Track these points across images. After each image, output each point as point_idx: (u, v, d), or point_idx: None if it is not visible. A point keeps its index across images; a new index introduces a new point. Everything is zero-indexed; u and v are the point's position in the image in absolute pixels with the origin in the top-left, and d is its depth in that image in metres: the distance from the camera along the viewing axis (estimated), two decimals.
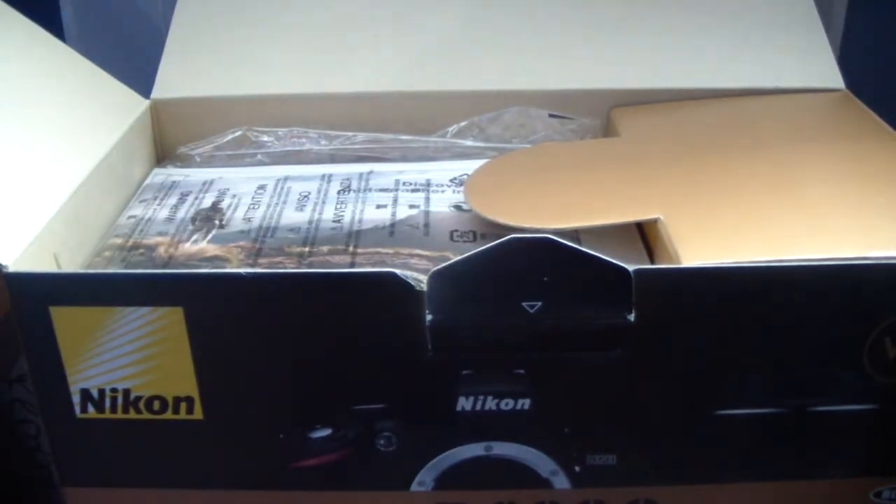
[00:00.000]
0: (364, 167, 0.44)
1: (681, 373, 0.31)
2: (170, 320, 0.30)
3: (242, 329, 0.31)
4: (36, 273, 0.31)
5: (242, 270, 0.30)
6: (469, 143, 0.45)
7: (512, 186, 0.40)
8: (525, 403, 0.32)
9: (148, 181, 0.44)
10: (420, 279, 0.30)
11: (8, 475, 0.40)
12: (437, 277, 0.30)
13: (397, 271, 0.30)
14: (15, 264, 0.31)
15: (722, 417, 0.32)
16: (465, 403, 0.32)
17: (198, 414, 0.32)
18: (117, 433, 0.32)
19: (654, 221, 0.35)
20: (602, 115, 0.46)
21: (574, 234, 0.36)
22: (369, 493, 0.34)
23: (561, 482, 0.33)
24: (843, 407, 0.32)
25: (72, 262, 0.36)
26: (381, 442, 0.32)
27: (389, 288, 0.30)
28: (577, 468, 0.33)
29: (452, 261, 0.30)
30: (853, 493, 0.34)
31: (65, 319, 0.31)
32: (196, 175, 0.44)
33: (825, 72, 0.46)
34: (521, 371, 0.31)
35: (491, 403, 0.32)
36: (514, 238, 0.29)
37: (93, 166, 0.39)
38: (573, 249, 0.29)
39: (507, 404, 0.32)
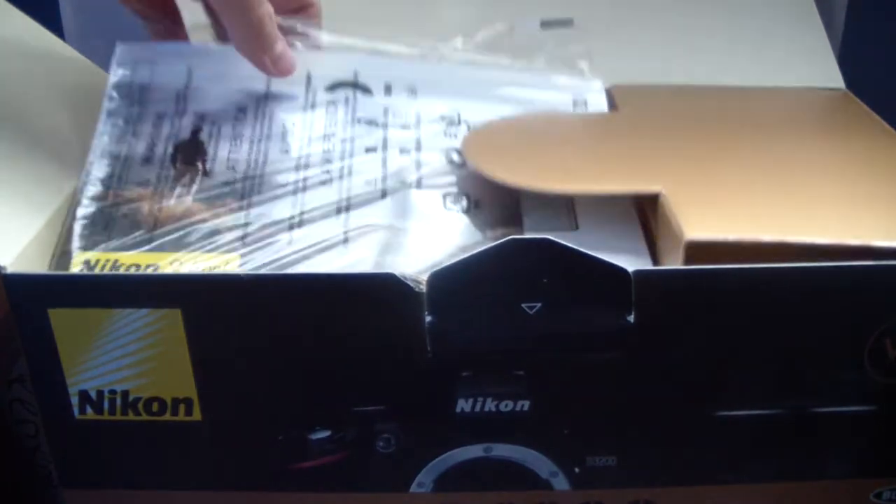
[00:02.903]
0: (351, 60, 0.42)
1: (681, 373, 0.31)
2: (168, 322, 0.30)
3: (241, 330, 0.31)
4: (34, 274, 0.31)
5: (240, 272, 0.30)
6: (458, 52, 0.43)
7: (511, 148, 0.39)
8: (524, 405, 0.32)
9: (113, 78, 0.41)
10: (419, 280, 0.30)
11: (8, 475, 0.39)
12: (437, 279, 0.30)
13: (397, 273, 0.30)
14: (13, 265, 0.31)
15: (722, 418, 0.32)
16: (464, 405, 0.32)
17: (196, 415, 0.32)
18: (116, 435, 0.32)
19: (656, 196, 0.35)
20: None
21: (570, 209, 0.36)
22: (369, 495, 0.33)
23: (560, 483, 0.33)
24: (844, 408, 0.32)
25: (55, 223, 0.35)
26: (381, 443, 0.32)
27: (389, 289, 0.30)
28: (576, 469, 0.33)
29: (452, 262, 0.30)
30: (853, 493, 0.34)
31: (63, 321, 0.30)
32: (163, 76, 0.41)
33: (825, 71, 0.46)
34: (521, 372, 0.31)
35: (490, 405, 0.32)
36: (513, 239, 0.29)
37: None
38: (572, 250, 0.29)
39: (507, 406, 0.32)
